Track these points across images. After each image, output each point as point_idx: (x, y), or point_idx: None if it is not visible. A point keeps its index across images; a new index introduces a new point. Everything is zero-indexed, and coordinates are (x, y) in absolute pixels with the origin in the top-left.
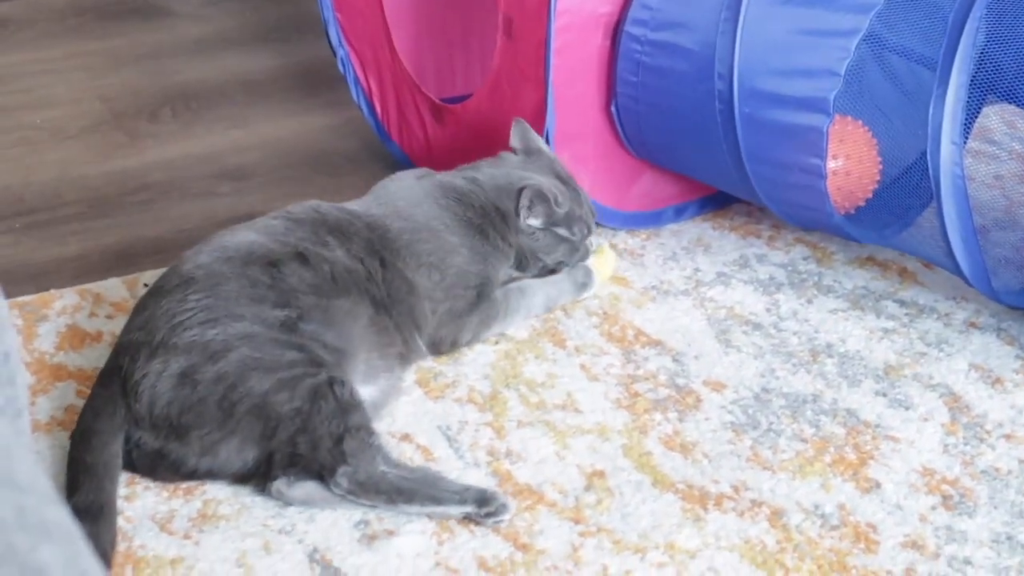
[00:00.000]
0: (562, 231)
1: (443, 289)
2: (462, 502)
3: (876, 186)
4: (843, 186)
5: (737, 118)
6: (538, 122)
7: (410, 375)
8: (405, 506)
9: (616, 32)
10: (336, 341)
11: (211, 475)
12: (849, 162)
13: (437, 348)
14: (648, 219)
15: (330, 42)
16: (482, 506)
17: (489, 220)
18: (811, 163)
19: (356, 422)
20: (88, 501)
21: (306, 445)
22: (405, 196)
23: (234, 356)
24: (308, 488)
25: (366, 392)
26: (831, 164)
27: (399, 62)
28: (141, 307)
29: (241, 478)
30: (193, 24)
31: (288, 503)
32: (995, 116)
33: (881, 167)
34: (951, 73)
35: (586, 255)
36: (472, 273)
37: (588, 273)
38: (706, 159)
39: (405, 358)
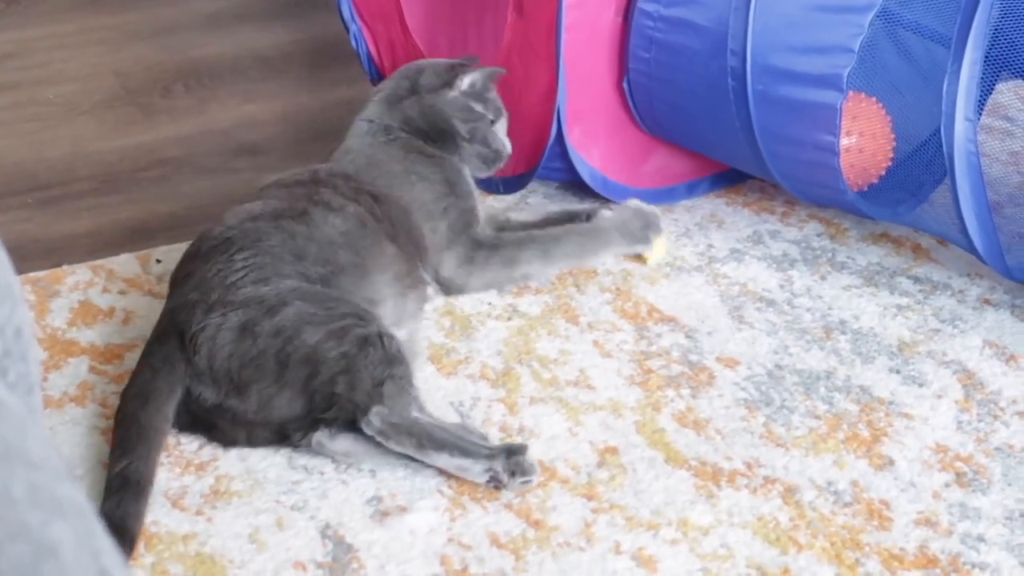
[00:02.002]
0: (478, 106)
1: (426, 219)
2: (490, 457)
3: (889, 163)
4: (856, 163)
5: (750, 95)
6: (548, 99)
7: (423, 351)
8: (434, 454)
9: (628, 8)
10: (368, 292)
11: (264, 427)
12: (863, 139)
13: (447, 290)
14: (660, 196)
15: (343, 17)
16: (511, 456)
17: (425, 137)
18: (824, 140)
19: (400, 372)
20: (138, 472)
21: (345, 385)
22: (354, 147)
23: (290, 310)
24: (349, 441)
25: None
26: (844, 141)
27: (411, 38)
28: (186, 274)
29: (281, 432)
30: None
31: (329, 455)
32: (1009, 93)
33: (895, 144)
34: (965, 49)
35: (499, 142)
36: (432, 199)
37: (648, 224)
38: (719, 136)
39: (420, 292)
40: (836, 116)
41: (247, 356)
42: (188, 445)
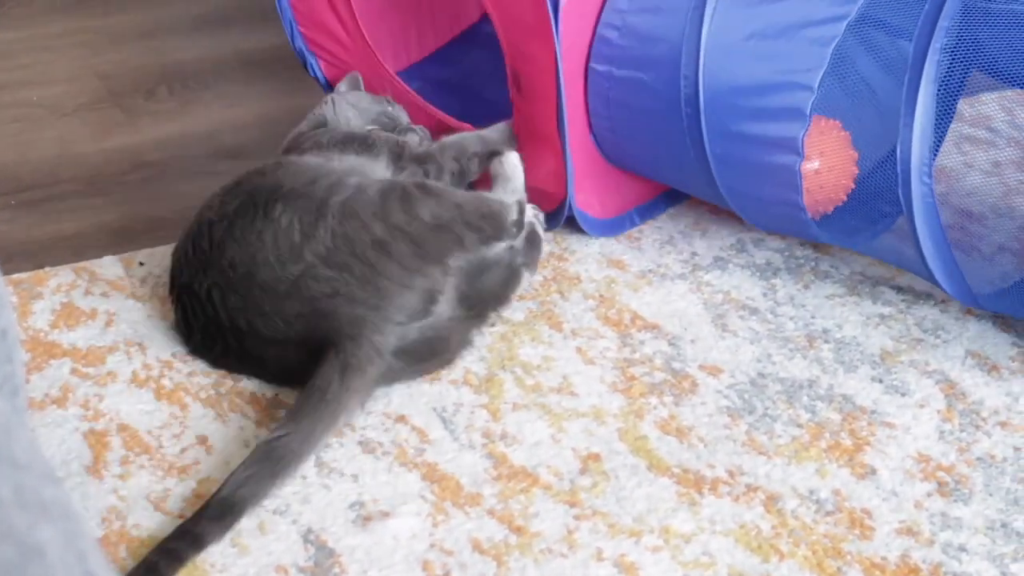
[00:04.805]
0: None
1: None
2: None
3: (852, 184)
4: (825, 184)
5: (710, 158)
6: (559, 179)
7: None
8: None
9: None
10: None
11: None
12: (827, 159)
13: None
14: (646, 211)
15: (295, 47)
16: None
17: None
18: (788, 197)
19: None
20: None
21: None
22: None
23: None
24: None
25: None
26: (808, 166)
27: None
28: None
29: None
30: (192, 2)
31: None
32: (993, 103)
33: (858, 160)
34: (915, 112)
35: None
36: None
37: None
38: (689, 185)
39: None
40: (796, 177)
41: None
42: (171, 448)
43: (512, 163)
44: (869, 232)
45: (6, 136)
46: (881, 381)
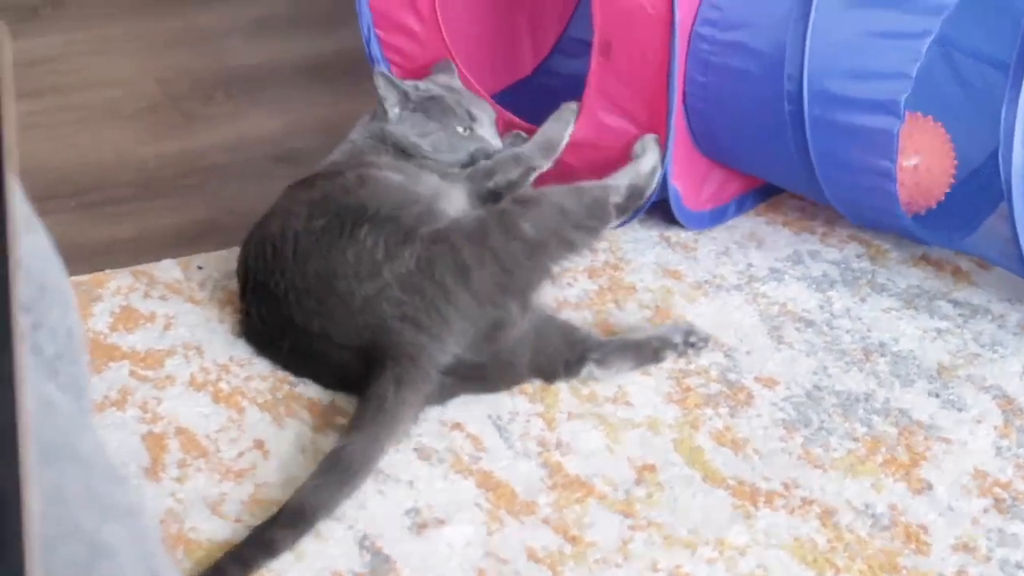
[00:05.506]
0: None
1: None
2: None
3: (952, 181)
4: (922, 183)
5: (807, 120)
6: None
7: None
8: None
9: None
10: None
11: None
12: (926, 158)
13: None
14: (716, 216)
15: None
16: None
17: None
18: (881, 165)
19: None
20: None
21: None
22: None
23: None
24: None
25: None
26: (911, 161)
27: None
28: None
29: None
30: (250, 5)
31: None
32: None
33: (956, 163)
34: None
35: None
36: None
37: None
38: (775, 160)
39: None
40: (893, 142)
41: None
42: (227, 452)
43: (651, 149)
44: (964, 229)
45: (64, 138)
46: (938, 396)
